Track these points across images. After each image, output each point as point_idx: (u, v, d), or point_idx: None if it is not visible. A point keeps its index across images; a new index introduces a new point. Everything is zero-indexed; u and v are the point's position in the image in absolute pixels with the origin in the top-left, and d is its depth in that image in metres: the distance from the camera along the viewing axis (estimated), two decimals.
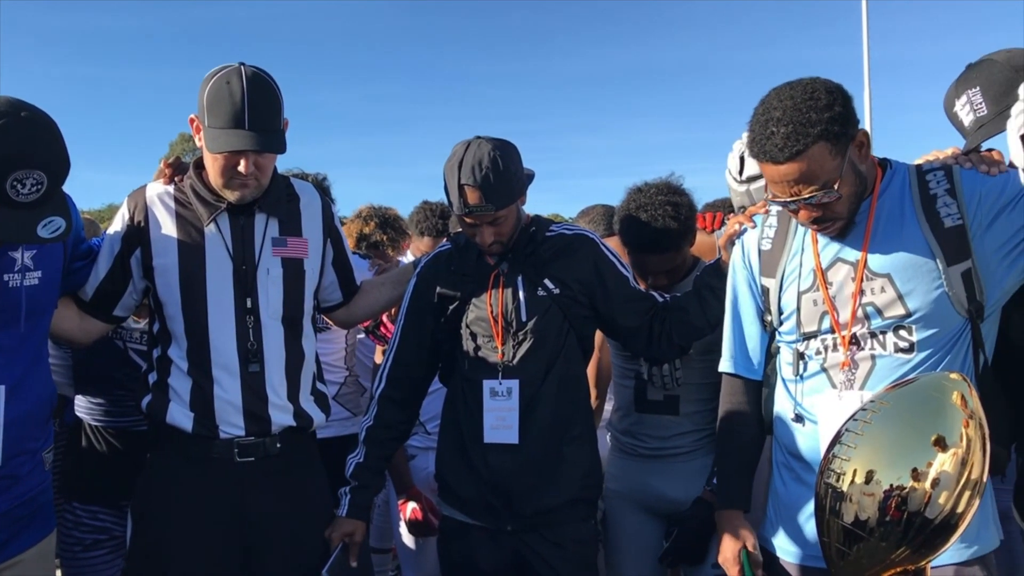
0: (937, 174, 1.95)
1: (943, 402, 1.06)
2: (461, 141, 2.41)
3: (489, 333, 2.48)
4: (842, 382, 1.95)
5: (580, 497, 2.48)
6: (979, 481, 0.99)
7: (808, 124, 1.81)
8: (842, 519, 1.06)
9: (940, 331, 1.88)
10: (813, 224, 1.95)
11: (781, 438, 2.11)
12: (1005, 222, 1.87)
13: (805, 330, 2.02)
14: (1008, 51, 2.22)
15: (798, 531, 2.05)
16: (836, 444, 1.10)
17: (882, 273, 1.91)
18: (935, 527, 1.00)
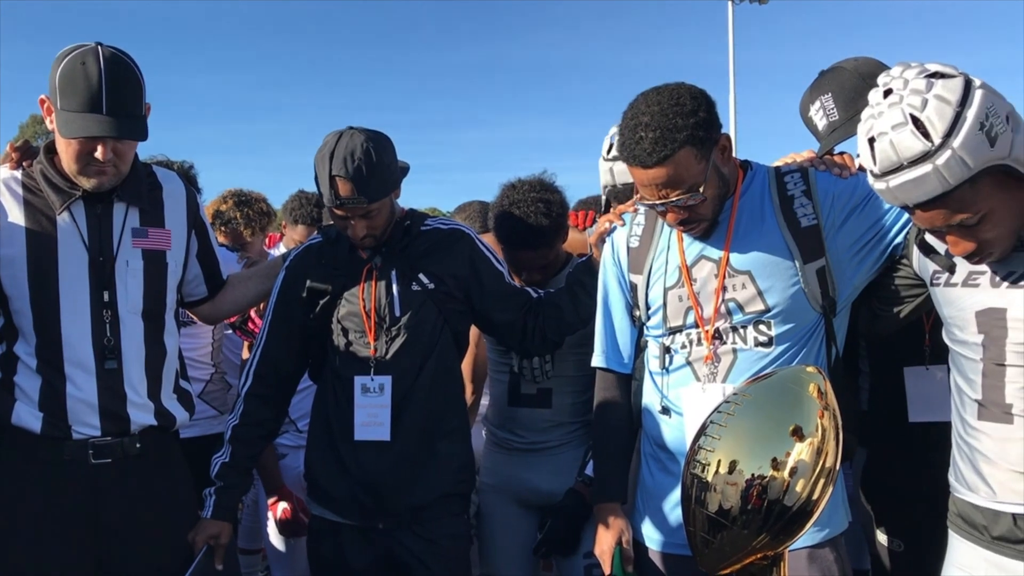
0: (794, 176, 2.06)
1: (801, 394, 1.12)
2: (333, 131, 2.36)
3: (361, 328, 2.45)
4: (706, 375, 2.03)
5: (453, 492, 2.48)
6: (833, 469, 1.05)
7: (674, 130, 1.87)
8: (707, 508, 1.11)
9: (796, 326, 1.98)
10: (679, 225, 2.02)
11: (649, 430, 2.18)
12: (855, 222, 1.99)
13: (671, 325, 2.08)
14: (856, 59, 2.37)
15: (664, 520, 2.12)
16: (701, 435, 1.14)
17: (743, 270, 2.00)
18: (793, 514, 1.06)
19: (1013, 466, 1.70)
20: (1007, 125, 1.60)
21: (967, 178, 1.58)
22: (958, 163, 1.56)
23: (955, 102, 1.57)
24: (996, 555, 1.75)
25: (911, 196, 1.63)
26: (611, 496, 2.19)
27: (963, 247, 1.69)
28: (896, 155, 1.60)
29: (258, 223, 3.98)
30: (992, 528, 1.74)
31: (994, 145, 1.58)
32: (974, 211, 1.62)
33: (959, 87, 1.59)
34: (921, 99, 1.58)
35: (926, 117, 1.57)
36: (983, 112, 1.57)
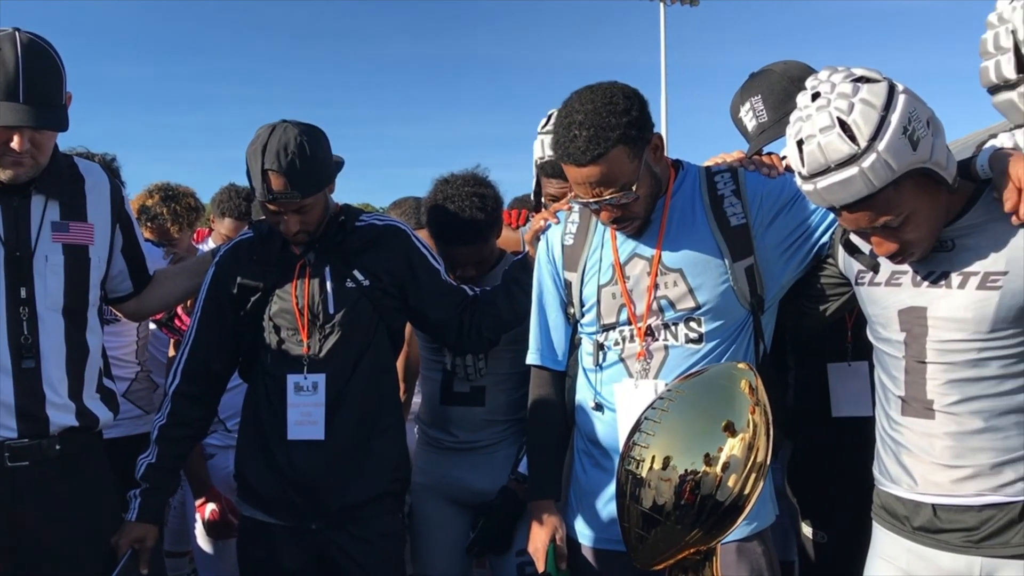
0: (724, 175, 2.09)
1: (732, 390, 1.14)
2: (265, 124, 2.31)
3: (294, 326, 2.40)
4: (638, 371, 2.05)
5: (388, 491, 2.46)
6: (764, 464, 1.08)
7: (608, 128, 1.89)
8: (641, 504, 1.12)
9: (726, 322, 2.02)
10: (613, 223, 2.03)
11: (582, 426, 2.19)
12: (783, 221, 2.03)
13: (604, 322, 2.10)
14: (785, 63, 2.43)
15: (598, 516, 2.13)
16: (636, 432, 1.16)
17: (675, 268, 2.03)
18: (725, 508, 1.08)
19: (934, 459, 1.76)
20: (928, 130, 1.65)
21: (891, 181, 1.63)
22: (883, 166, 1.61)
23: (880, 106, 1.62)
24: (917, 545, 1.81)
25: (838, 198, 1.67)
26: (545, 493, 2.20)
27: (887, 247, 1.74)
28: (824, 158, 1.64)
29: (185, 219, 3.88)
30: (913, 519, 1.80)
31: (916, 149, 1.63)
32: (897, 213, 1.68)
33: (884, 92, 1.64)
34: (848, 103, 1.63)
35: (853, 121, 1.62)
36: (906, 117, 1.62)
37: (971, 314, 1.70)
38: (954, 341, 1.73)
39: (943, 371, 1.74)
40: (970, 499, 1.73)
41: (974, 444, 1.72)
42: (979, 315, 1.69)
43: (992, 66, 1.46)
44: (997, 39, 1.44)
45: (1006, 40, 1.42)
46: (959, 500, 1.74)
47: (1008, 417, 1.71)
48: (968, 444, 1.73)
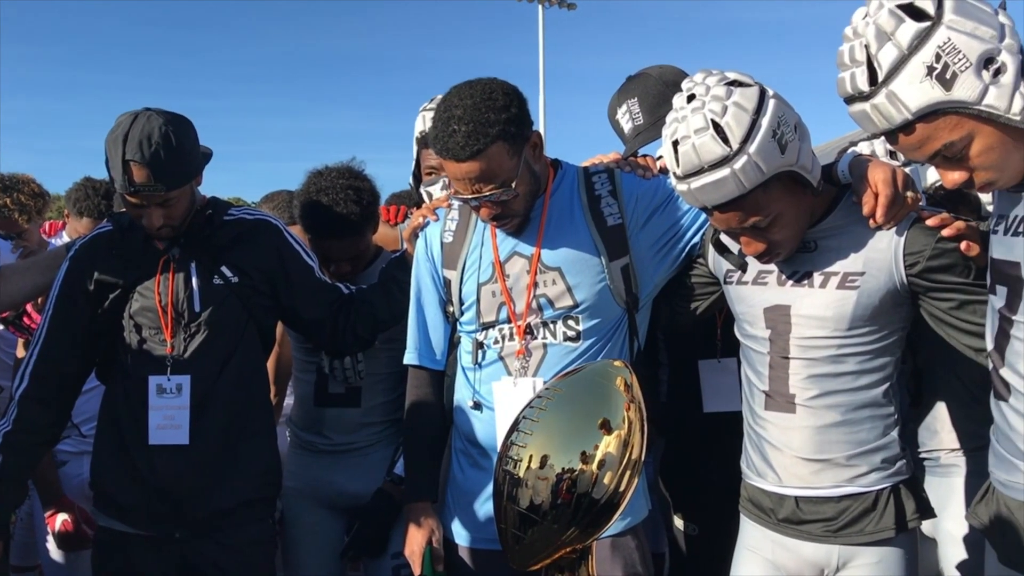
0: (601, 176, 2.12)
1: (609, 388, 1.14)
2: (127, 112, 2.18)
3: (156, 325, 2.28)
4: (517, 369, 2.05)
5: (257, 497, 2.37)
6: (639, 460, 1.09)
7: (487, 124, 1.88)
8: (518, 504, 1.11)
9: (603, 321, 2.04)
10: (493, 220, 2.03)
11: (460, 426, 2.17)
12: (657, 222, 2.07)
13: (484, 320, 2.09)
14: (660, 67, 2.49)
15: (475, 516, 2.12)
16: (514, 431, 1.14)
17: (553, 267, 2.04)
18: (601, 506, 1.08)
19: (796, 452, 1.83)
20: (795, 134, 1.72)
21: (760, 182, 1.68)
22: (753, 168, 1.66)
23: (751, 110, 1.67)
24: (781, 536, 1.88)
25: (710, 198, 1.71)
26: (422, 495, 2.17)
27: (755, 247, 1.81)
28: (698, 158, 1.68)
29: (33, 207, 3.61)
30: (778, 511, 1.88)
31: (784, 152, 1.69)
32: (766, 214, 1.74)
33: (755, 96, 1.69)
34: (721, 105, 1.67)
35: (726, 123, 1.66)
36: (775, 120, 1.68)
37: (831, 312, 1.78)
38: (815, 338, 1.80)
39: (804, 366, 1.82)
40: (828, 490, 1.82)
41: (832, 437, 1.81)
42: (838, 313, 1.78)
43: (848, 78, 1.53)
44: (852, 52, 1.51)
45: (860, 54, 1.49)
46: (819, 492, 1.82)
47: (863, 411, 1.81)
48: (826, 437, 1.81)
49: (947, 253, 1.72)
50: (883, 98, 1.48)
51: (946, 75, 1.43)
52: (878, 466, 1.80)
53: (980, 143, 1.48)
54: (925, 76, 1.44)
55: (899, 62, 1.45)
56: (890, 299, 1.77)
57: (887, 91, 1.47)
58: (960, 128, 1.47)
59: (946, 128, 1.48)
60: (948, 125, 1.47)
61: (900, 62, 1.45)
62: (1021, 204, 1.53)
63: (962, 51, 1.43)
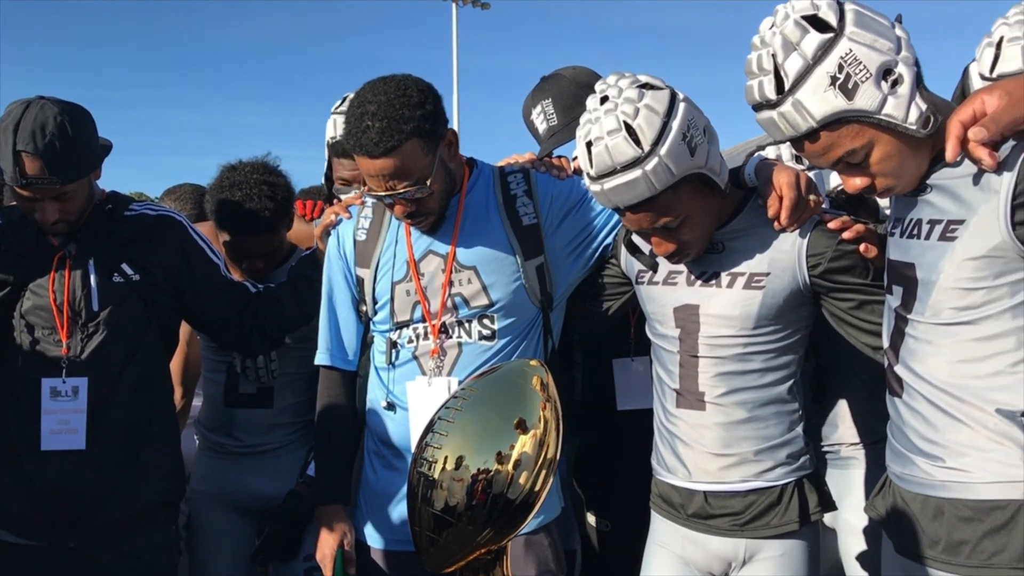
0: (516, 176, 2.12)
1: (525, 387, 1.14)
2: (18, 100, 2.07)
3: (51, 324, 2.17)
4: (431, 369, 2.03)
5: (160, 502, 2.29)
6: (554, 459, 1.09)
7: (402, 120, 1.86)
8: (433, 507, 1.10)
9: (518, 320, 2.05)
10: (407, 218, 2.01)
11: (373, 426, 2.14)
12: (571, 222, 2.09)
13: (398, 319, 2.07)
14: (574, 68, 2.51)
15: (388, 518, 2.10)
16: (428, 433, 1.13)
17: (469, 266, 2.03)
18: (516, 506, 1.08)
19: (706, 448, 1.87)
20: (704, 137, 1.76)
21: (671, 184, 1.72)
22: (664, 170, 1.69)
23: (662, 112, 1.70)
24: (690, 531, 1.92)
25: (622, 199, 1.74)
26: (334, 498, 2.13)
27: (665, 247, 1.84)
28: (610, 159, 1.70)
29: None
30: (688, 507, 1.91)
31: (694, 154, 1.73)
32: (676, 215, 1.77)
33: (666, 99, 1.73)
34: (634, 107, 1.70)
35: (637, 125, 1.69)
36: (685, 123, 1.72)
37: (738, 311, 1.83)
38: (723, 337, 1.85)
39: (713, 364, 1.86)
40: (736, 485, 1.86)
41: (739, 433, 1.85)
42: (745, 312, 1.82)
43: (756, 86, 1.57)
44: (760, 61, 1.55)
45: (767, 63, 1.54)
46: (727, 487, 1.87)
47: (768, 408, 1.86)
48: (735, 433, 1.85)
49: (847, 255, 1.78)
50: (789, 106, 1.53)
51: (848, 85, 1.49)
52: (783, 461, 1.86)
53: (880, 151, 1.54)
54: (829, 86, 1.49)
55: (804, 72, 1.50)
56: (794, 299, 1.82)
57: (793, 100, 1.52)
58: (861, 136, 1.53)
59: (848, 136, 1.53)
60: (850, 133, 1.53)
61: (805, 72, 1.50)
62: (916, 208, 1.60)
63: (863, 62, 1.48)
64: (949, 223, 1.52)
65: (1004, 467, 1.48)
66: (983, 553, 1.49)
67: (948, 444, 1.54)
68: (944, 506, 1.55)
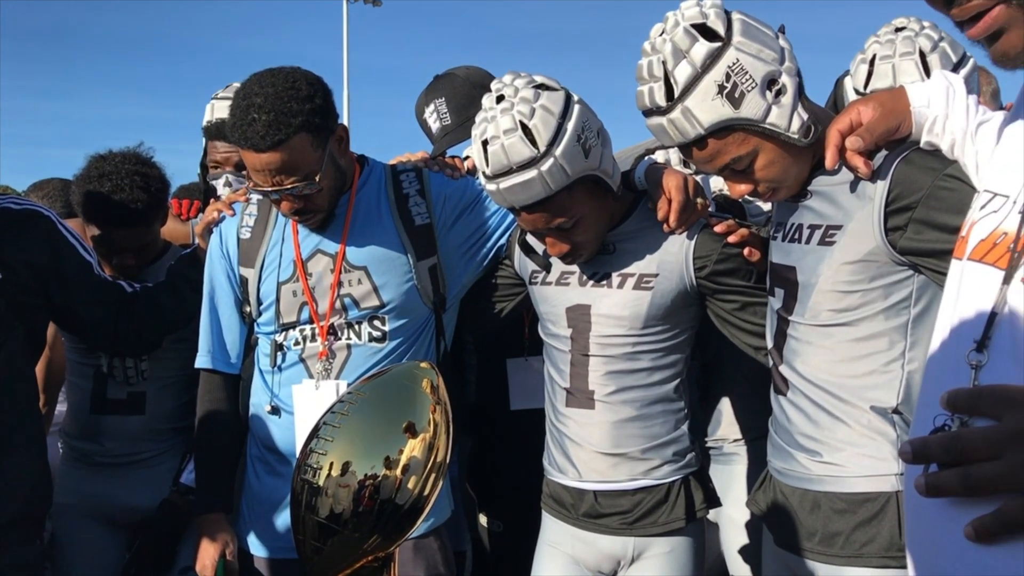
0: (409, 175, 2.09)
1: (414, 390, 1.12)
2: None
3: None
4: (319, 372, 1.98)
5: (23, 516, 2.13)
6: (443, 463, 1.07)
7: (290, 114, 1.80)
8: (318, 514, 1.06)
9: (409, 321, 2.02)
10: (295, 215, 1.95)
11: (257, 431, 2.08)
12: (465, 222, 2.08)
13: (284, 321, 2.01)
14: (468, 68, 2.50)
15: (272, 525, 2.03)
16: (313, 438, 1.09)
17: (359, 266, 1.99)
18: (405, 511, 1.05)
19: (595, 447, 1.89)
20: (598, 139, 1.78)
21: (566, 185, 1.73)
22: (559, 170, 1.70)
23: (558, 113, 1.71)
24: (581, 530, 1.94)
25: (518, 198, 1.74)
26: (214, 507, 2.04)
27: (559, 248, 1.85)
28: (507, 159, 1.70)
29: None
30: (578, 506, 1.93)
31: (588, 156, 1.74)
32: (570, 216, 1.78)
33: (561, 100, 1.73)
34: (530, 108, 1.70)
35: (533, 125, 1.69)
36: (580, 125, 1.73)
37: (628, 311, 1.86)
38: (613, 336, 1.87)
39: (603, 363, 1.88)
40: (624, 484, 1.89)
41: (628, 431, 1.88)
42: (634, 312, 1.85)
43: (646, 92, 1.59)
44: (651, 67, 1.57)
45: (658, 69, 1.56)
46: (616, 485, 1.89)
47: (656, 406, 1.89)
48: (623, 432, 1.88)
49: (732, 258, 1.83)
50: (678, 113, 1.56)
51: (735, 94, 1.53)
52: (670, 459, 1.89)
53: (764, 158, 1.59)
54: (716, 94, 1.53)
55: (693, 80, 1.53)
56: (681, 299, 1.86)
57: (682, 107, 1.55)
58: (747, 144, 1.58)
59: (735, 143, 1.58)
60: (736, 141, 1.57)
61: (694, 80, 1.53)
62: (797, 213, 1.66)
63: (749, 72, 1.53)
64: (828, 228, 1.58)
65: (876, 461, 1.55)
66: (855, 543, 1.56)
67: (827, 440, 1.60)
68: (820, 499, 1.61)
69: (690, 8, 1.57)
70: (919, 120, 1.49)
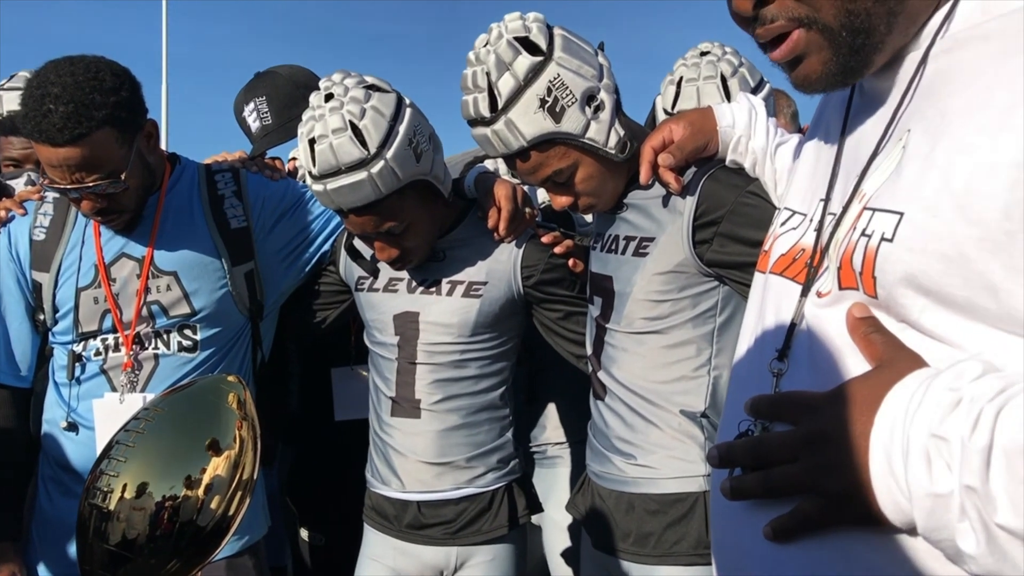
0: (225, 175, 2.00)
1: (219, 405, 1.05)
2: None
3: None
4: (123, 384, 1.86)
5: None
6: (251, 480, 1.01)
7: (92, 106, 1.67)
8: (108, 542, 0.98)
9: (223, 330, 1.93)
10: (97, 215, 1.82)
11: (50, 450, 1.92)
12: (285, 226, 2.01)
13: (84, 330, 1.87)
14: (291, 67, 2.42)
15: (66, 553, 1.88)
16: (104, 459, 1.01)
17: (169, 271, 1.88)
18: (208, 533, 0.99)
19: (420, 457, 1.87)
20: (430, 144, 1.76)
21: (396, 189, 1.70)
22: (389, 173, 1.67)
23: (389, 116, 1.68)
24: (403, 542, 1.91)
25: (346, 200, 1.69)
26: (3, 533, 1.86)
27: (388, 253, 1.82)
28: (335, 159, 1.65)
29: None
30: (401, 518, 1.90)
31: (419, 161, 1.73)
32: (400, 220, 1.76)
33: (393, 103, 1.71)
34: (360, 108, 1.66)
35: (364, 126, 1.65)
36: (412, 129, 1.71)
37: (456, 319, 1.85)
38: (441, 343, 1.86)
39: (430, 371, 1.87)
40: (448, 493, 1.88)
41: (453, 440, 1.87)
42: (463, 320, 1.85)
43: (471, 102, 1.60)
44: (475, 78, 1.58)
45: (482, 80, 1.57)
46: (440, 495, 1.88)
47: (482, 414, 1.90)
48: (448, 440, 1.87)
49: (557, 268, 1.87)
50: (502, 125, 1.57)
51: (556, 108, 1.56)
52: (494, 466, 1.90)
53: (583, 171, 1.63)
54: (539, 108, 1.55)
55: (516, 92, 1.56)
56: (509, 307, 1.88)
57: (506, 119, 1.57)
58: (567, 157, 1.61)
59: (556, 157, 1.61)
60: (558, 154, 1.61)
61: (517, 92, 1.55)
62: (615, 225, 1.72)
63: (569, 87, 1.56)
64: (642, 240, 1.65)
65: (685, 463, 1.62)
66: (666, 543, 1.62)
67: (641, 443, 1.66)
68: (635, 501, 1.67)
69: (513, 21, 1.59)
70: (725, 139, 1.57)
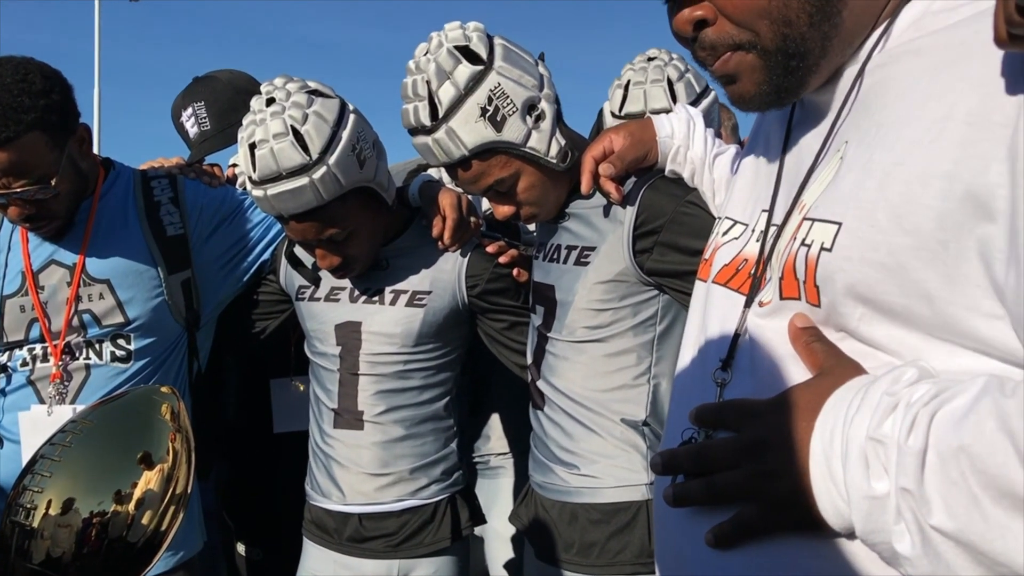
0: (162, 181, 1.96)
1: (152, 417, 1.02)
2: None
3: None
4: (52, 396, 1.80)
5: None
6: (184, 494, 0.98)
7: (20, 109, 1.63)
8: (31, 560, 0.94)
9: (158, 340, 1.89)
10: (25, 222, 1.77)
11: None
12: (224, 234, 1.97)
13: (10, 339, 1.82)
14: (231, 72, 2.38)
15: None
16: (28, 474, 0.97)
17: (101, 279, 1.83)
18: (139, 549, 0.96)
19: (362, 469, 1.84)
20: (373, 151, 1.74)
21: (339, 195, 1.68)
22: (332, 179, 1.65)
23: (332, 122, 1.66)
24: (344, 556, 1.87)
25: (287, 206, 1.66)
26: None
27: (330, 261, 1.79)
28: (276, 164, 1.62)
29: None
30: (342, 531, 1.87)
31: (363, 167, 1.71)
32: (343, 227, 1.73)
33: (336, 108, 1.69)
34: (302, 113, 1.63)
35: (306, 131, 1.63)
36: (355, 135, 1.69)
37: (400, 329, 1.83)
38: (384, 354, 1.84)
39: (373, 382, 1.84)
40: (391, 505, 1.85)
41: (397, 452, 1.85)
42: (406, 330, 1.83)
43: (412, 110, 1.59)
44: (415, 86, 1.58)
45: (422, 88, 1.57)
46: (382, 507, 1.85)
47: (426, 425, 1.88)
48: (392, 452, 1.85)
49: (502, 278, 1.86)
50: (443, 134, 1.56)
51: (497, 117, 1.56)
52: (437, 478, 1.88)
53: (525, 181, 1.63)
54: (479, 116, 1.55)
55: (457, 101, 1.55)
56: (453, 317, 1.86)
57: (446, 127, 1.56)
58: (509, 167, 1.61)
59: (497, 166, 1.60)
60: (499, 163, 1.60)
61: (458, 101, 1.55)
62: (557, 234, 1.72)
63: (510, 96, 1.56)
64: (583, 249, 1.65)
65: (628, 472, 1.63)
66: (609, 552, 1.62)
67: (583, 453, 1.66)
68: (578, 511, 1.66)
69: (454, 30, 1.59)
70: (664, 150, 1.59)
